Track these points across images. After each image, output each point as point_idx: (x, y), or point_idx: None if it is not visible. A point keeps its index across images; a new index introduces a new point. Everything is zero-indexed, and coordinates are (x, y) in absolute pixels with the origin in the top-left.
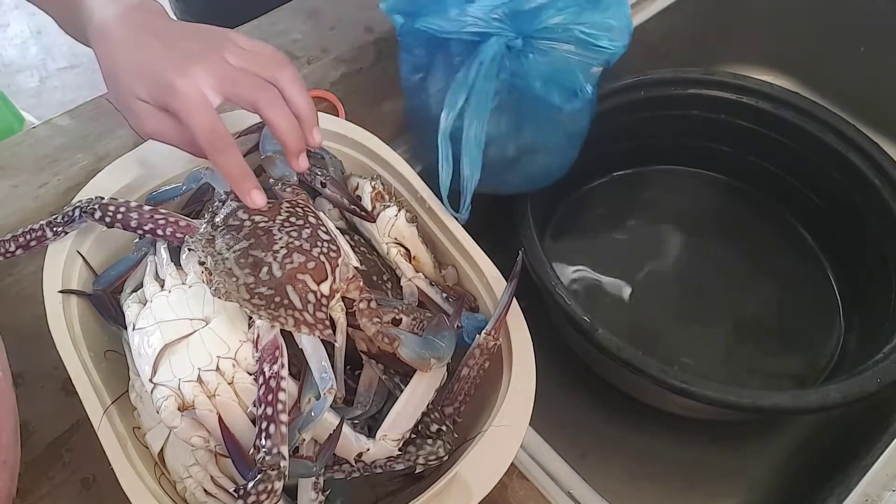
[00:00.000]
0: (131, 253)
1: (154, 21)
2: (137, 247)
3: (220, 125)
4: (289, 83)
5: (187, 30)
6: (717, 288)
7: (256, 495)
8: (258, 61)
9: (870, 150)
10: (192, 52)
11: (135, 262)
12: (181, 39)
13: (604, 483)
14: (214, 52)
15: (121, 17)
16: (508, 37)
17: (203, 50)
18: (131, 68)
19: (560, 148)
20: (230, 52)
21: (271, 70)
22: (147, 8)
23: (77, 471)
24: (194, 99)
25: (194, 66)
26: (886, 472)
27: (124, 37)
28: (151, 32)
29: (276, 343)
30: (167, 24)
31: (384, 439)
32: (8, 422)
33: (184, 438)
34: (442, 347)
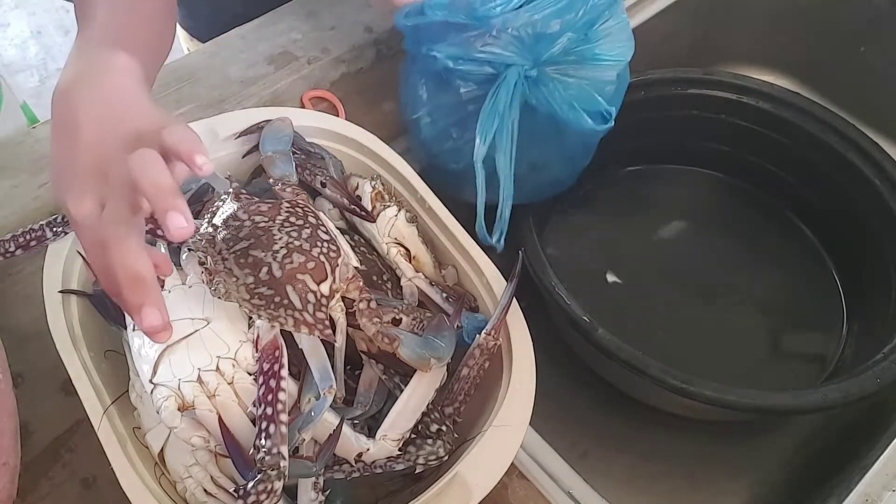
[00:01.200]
0: None
1: (88, 104)
2: None
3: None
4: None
5: (107, 126)
6: (718, 288)
7: (256, 495)
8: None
9: (870, 150)
10: (86, 167)
11: None
12: (90, 146)
13: (604, 483)
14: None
15: (68, 87)
16: (525, 66)
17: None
18: (52, 173)
19: (572, 160)
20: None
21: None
22: (103, 74)
23: (77, 471)
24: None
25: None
26: (886, 472)
27: (56, 121)
28: (73, 126)
29: (276, 343)
30: (96, 111)
31: (384, 439)
32: (8, 424)
33: (184, 439)
34: (442, 347)
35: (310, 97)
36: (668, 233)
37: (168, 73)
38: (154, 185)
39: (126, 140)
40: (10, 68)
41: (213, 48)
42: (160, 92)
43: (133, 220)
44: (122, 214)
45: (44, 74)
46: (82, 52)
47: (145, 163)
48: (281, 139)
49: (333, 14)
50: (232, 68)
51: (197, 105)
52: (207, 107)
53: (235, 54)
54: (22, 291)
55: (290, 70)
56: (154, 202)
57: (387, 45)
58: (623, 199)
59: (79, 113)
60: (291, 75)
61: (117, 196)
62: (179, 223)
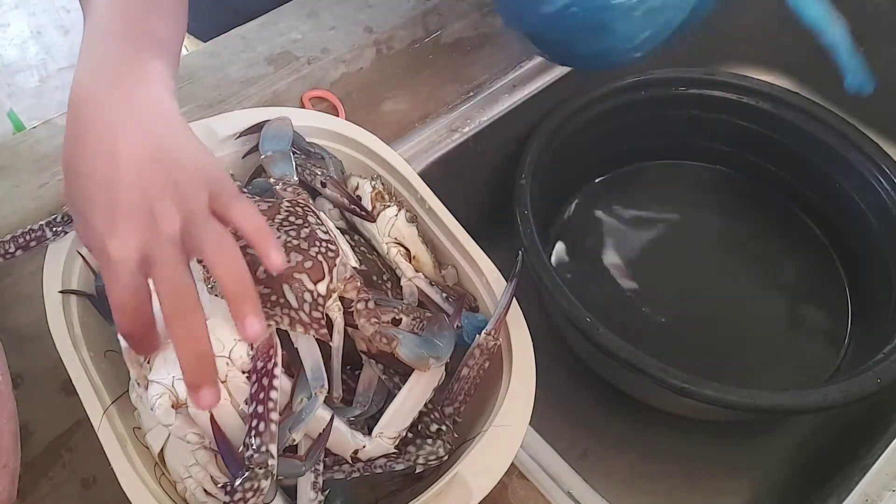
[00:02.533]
0: None
1: (125, 123)
2: None
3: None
4: (233, 210)
5: (140, 154)
6: (718, 287)
7: (243, 493)
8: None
9: (870, 150)
10: (129, 200)
11: None
12: (125, 172)
13: (604, 483)
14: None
15: (93, 94)
16: None
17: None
18: (69, 188)
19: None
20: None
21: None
22: (135, 84)
23: (77, 471)
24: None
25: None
26: (886, 472)
27: (81, 134)
28: (109, 148)
29: (271, 342)
30: (137, 135)
31: (380, 437)
32: (8, 427)
33: (179, 436)
34: (440, 347)
35: (310, 97)
36: (669, 232)
37: None
38: (236, 282)
39: (175, 181)
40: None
41: (213, 48)
42: None
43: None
44: (187, 284)
45: (44, 74)
46: (100, 48)
47: (226, 252)
48: (281, 139)
49: (333, 14)
50: (232, 68)
51: (197, 105)
52: (207, 107)
53: (235, 54)
54: (22, 291)
55: (290, 70)
56: (232, 300)
57: (387, 45)
58: (623, 198)
59: (116, 132)
60: (291, 75)
61: (169, 255)
62: (256, 330)
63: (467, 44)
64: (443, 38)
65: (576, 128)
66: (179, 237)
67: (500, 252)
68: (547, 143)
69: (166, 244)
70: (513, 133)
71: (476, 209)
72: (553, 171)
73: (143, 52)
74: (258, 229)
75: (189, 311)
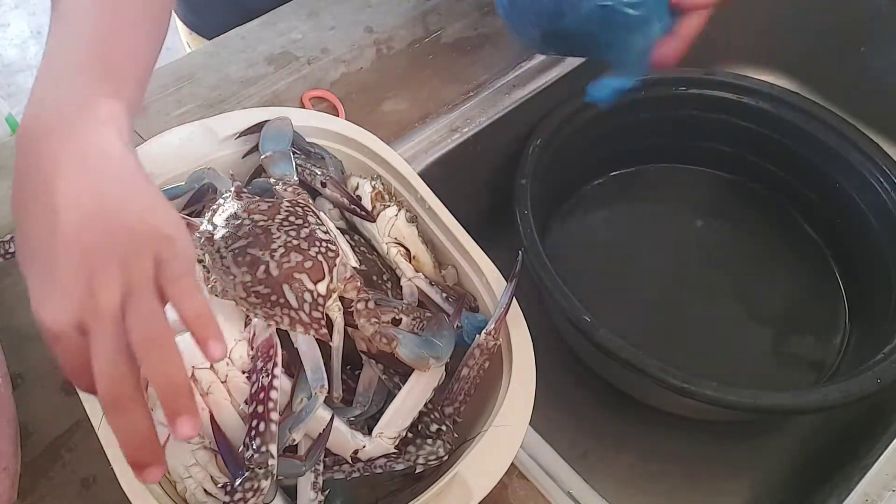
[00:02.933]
0: None
1: (68, 174)
2: None
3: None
4: (170, 289)
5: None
6: (719, 287)
7: (243, 493)
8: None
9: (870, 150)
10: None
11: None
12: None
13: (604, 483)
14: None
15: (38, 137)
16: None
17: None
18: (16, 238)
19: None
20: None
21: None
22: (83, 129)
23: (77, 471)
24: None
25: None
26: (886, 472)
27: (24, 182)
28: (49, 200)
29: (271, 342)
30: (79, 187)
31: (380, 437)
32: (7, 429)
33: None
34: (440, 347)
35: (310, 97)
36: (669, 233)
37: (168, 73)
38: (167, 381)
39: (118, 246)
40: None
41: (213, 48)
42: (160, 92)
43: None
44: (123, 370)
45: None
46: (56, 78)
47: (155, 349)
48: (281, 139)
49: (333, 14)
50: (232, 68)
51: (197, 105)
52: (207, 107)
53: (235, 54)
54: (22, 291)
55: (290, 70)
56: (163, 398)
57: (387, 45)
58: (623, 199)
59: (58, 184)
60: (291, 75)
61: (107, 330)
62: (187, 431)
63: (467, 44)
64: (443, 38)
65: (576, 128)
66: (119, 310)
67: (500, 252)
68: (547, 143)
69: (103, 318)
70: (513, 133)
71: (476, 209)
72: (553, 171)
73: (100, 91)
74: (196, 316)
75: (129, 398)
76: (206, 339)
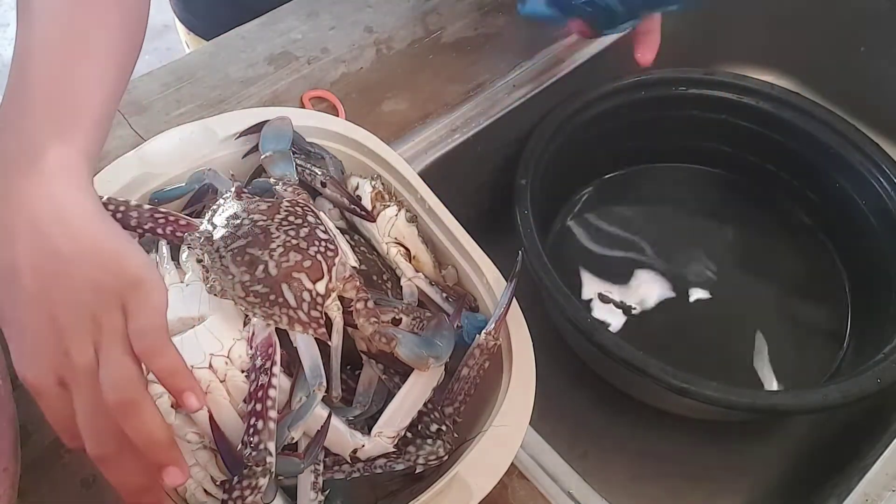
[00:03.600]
0: None
1: (20, 237)
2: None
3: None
4: (138, 346)
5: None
6: (718, 287)
7: (241, 490)
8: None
9: (870, 150)
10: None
11: None
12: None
13: (604, 483)
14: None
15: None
16: None
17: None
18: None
19: None
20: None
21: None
22: (30, 186)
23: (77, 471)
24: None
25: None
26: (886, 472)
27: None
28: (8, 265)
29: (270, 341)
30: (32, 248)
31: (379, 436)
32: (8, 430)
33: (179, 436)
34: (440, 347)
35: (310, 97)
36: (669, 232)
37: (168, 72)
38: (148, 439)
39: (83, 300)
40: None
41: (213, 48)
42: (160, 92)
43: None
44: (108, 417)
45: None
46: (6, 133)
47: (130, 410)
48: (281, 139)
49: (333, 14)
50: (232, 68)
51: (197, 105)
52: (207, 107)
53: (235, 54)
54: None
55: (290, 70)
56: (147, 454)
57: (387, 45)
58: (623, 199)
59: (12, 247)
60: (291, 75)
61: (85, 385)
62: (176, 480)
63: (467, 44)
64: (443, 38)
65: (576, 128)
66: (93, 365)
67: (500, 252)
68: (547, 143)
69: (79, 376)
70: (513, 133)
71: (476, 209)
72: (553, 172)
73: (49, 139)
74: (170, 374)
75: (115, 452)
76: (180, 394)
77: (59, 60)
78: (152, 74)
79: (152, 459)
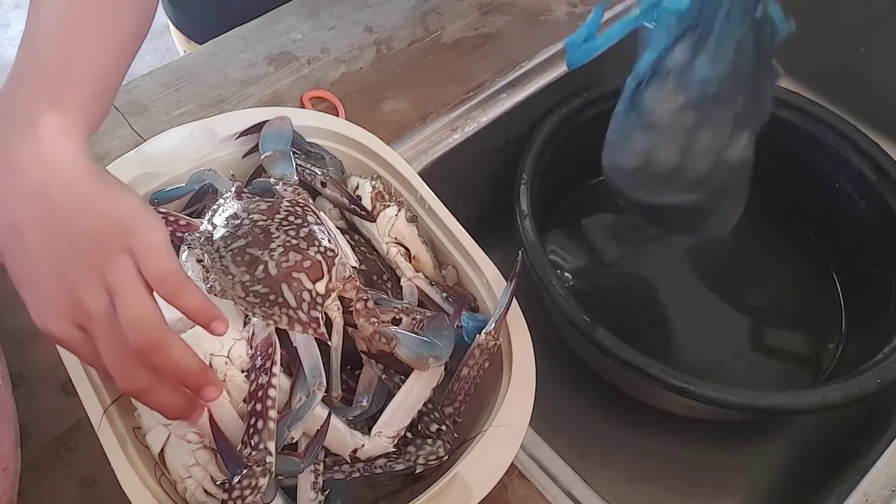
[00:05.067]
0: None
1: (20, 196)
2: None
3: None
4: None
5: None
6: (718, 287)
7: (241, 490)
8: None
9: (870, 150)
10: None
11: None
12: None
13: (604, 483)
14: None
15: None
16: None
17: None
18: (7, 267)
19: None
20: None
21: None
22: (27, 150)
23: (77, 471)
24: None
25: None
26: (886, 472)
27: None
28: (14, 225)
29: (270, 341)
30: (33, 207)
31: (379, 436)
32: (8, 430)
33: (179, 435)
34: (440, 347)
35: (310, 97)
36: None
37: (168, 72)
38: (182, 372)
39: (86, 252)
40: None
41: (213, 48)
42: (160, 92)
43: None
44: (130, 353)
45: None
46: (4, 104)
47: (156, 351)
48: (281, 139)
49: (333, 14)
50: (232, 68)
51: (197, 105)
52: (207, 107)
53: (235, 54)
54: None
55: (290, 70)
56: (185, 384)
57: (387, 45)
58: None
59: (14, 209)
60: (291, 75)
61: (104, 329)
62: (213, 395)
63: (467, 44)
64: (443, 38)
65: (576, 128)
66: (109, 310)
67: (500, 252)
68: (547, 143)
69: (96, 321)
70: (513, 133)
71: (476, 209)
72: (553, 171)
73: (42, 104)
74: (196, 310)
75: (145, 384)
76: (210, 323)
77: (60, 37)
78: (152, 74)
79: (187, 385)
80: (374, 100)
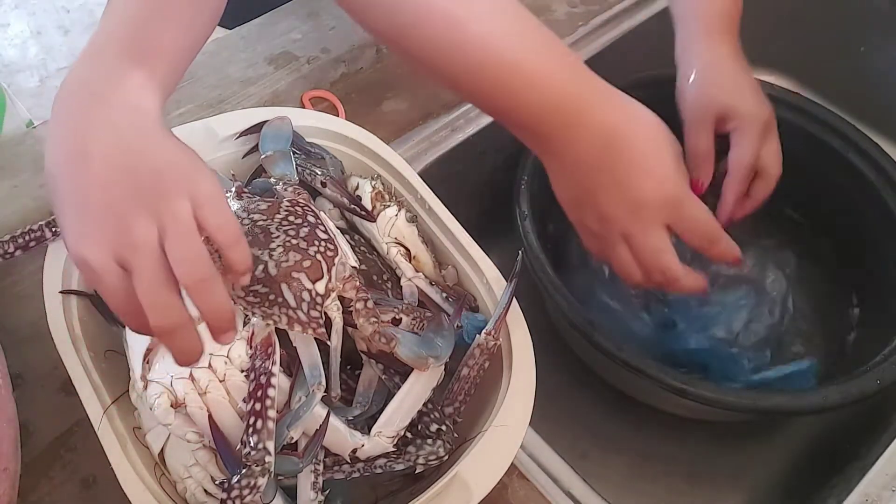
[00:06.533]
0: None
1: (97, 129)
2: None
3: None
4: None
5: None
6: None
7: (239, 490)
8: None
9: (870, 150)
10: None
11: None
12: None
13: (604, 483)
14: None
15: (72, 101)
16: None
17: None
18: (50, 193)
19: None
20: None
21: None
22: (113, 93)
23: (77, 471)
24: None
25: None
26: (886, 472)
27: (59, 139)
28: (80, 152)
29: (270, 341)
30: (107, 139)
31: (379, 436)
32: (7, 430)
33: (178, 435)
34: (439, 347)
35: (310, 97)
36: None
37: None
38: (218, 314)
39: (145, 190)
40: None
41: (214, 48)
42: None
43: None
44: (168, 295)
45: (44, 74)
46: (93, 55)
47: (206, 288)
48: (280, 139)
49: (333, 14)
50: (232, 68)
51: (197, 105)
52: (207, 107)
53: (235, 54)
54: (22, 291)
55: (290, 70)
56: (211, 324)
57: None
58: None
59: (87, 138)
60: (291, 75)
61: (147, 266)
62: (228, 339)
63: None
64: None
65: None
66: (156, 244)
67: (500, 252)
68: None
69: (141, 251)
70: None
71: (476, 209)
72: None
73: (128, 61)
74: (240, 261)
75: (177, 324)
76: (241, 274)
77: (146, 8)
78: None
79: (217, 327)
80: (374, 100)
